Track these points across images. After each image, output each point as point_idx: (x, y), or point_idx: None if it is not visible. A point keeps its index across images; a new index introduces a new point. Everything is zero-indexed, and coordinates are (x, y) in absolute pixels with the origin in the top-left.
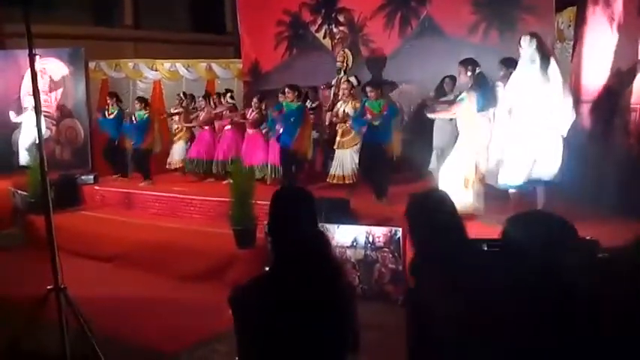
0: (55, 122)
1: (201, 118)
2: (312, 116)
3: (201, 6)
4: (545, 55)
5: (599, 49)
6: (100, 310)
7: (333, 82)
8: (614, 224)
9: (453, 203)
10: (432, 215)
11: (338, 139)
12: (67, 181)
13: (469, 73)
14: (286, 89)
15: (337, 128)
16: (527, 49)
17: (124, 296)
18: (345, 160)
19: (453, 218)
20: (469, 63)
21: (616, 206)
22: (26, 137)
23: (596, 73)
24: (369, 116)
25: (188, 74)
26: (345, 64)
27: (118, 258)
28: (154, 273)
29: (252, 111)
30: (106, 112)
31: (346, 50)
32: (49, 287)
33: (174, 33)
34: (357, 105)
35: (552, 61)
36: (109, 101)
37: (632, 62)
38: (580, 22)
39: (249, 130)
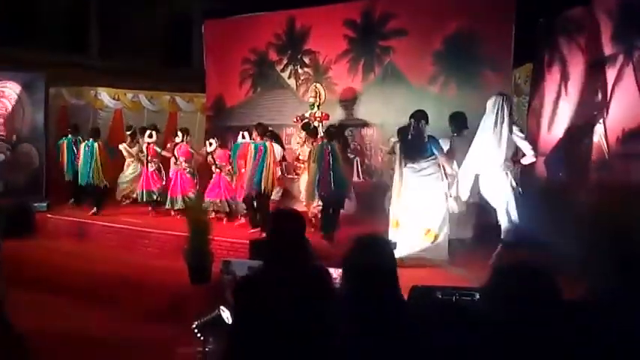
0: (10, 147)
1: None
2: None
3: (168, 39)
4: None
5: (554, 104)
6: (48, 344)
7: (307, 114)
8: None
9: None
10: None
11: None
12: (20, 208)
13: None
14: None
15: (299, 171)
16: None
17: (74, 330)
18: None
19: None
20: (412, 115)
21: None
22: None
23: (550, 128)
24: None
25: (150, 105)
26: (317, 99)
27: (68, 290)
28: (105, 307)
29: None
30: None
31: (318, 85)
32: None
33: (139, 64)
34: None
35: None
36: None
37: (586, 119)
38: (536, 78)
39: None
